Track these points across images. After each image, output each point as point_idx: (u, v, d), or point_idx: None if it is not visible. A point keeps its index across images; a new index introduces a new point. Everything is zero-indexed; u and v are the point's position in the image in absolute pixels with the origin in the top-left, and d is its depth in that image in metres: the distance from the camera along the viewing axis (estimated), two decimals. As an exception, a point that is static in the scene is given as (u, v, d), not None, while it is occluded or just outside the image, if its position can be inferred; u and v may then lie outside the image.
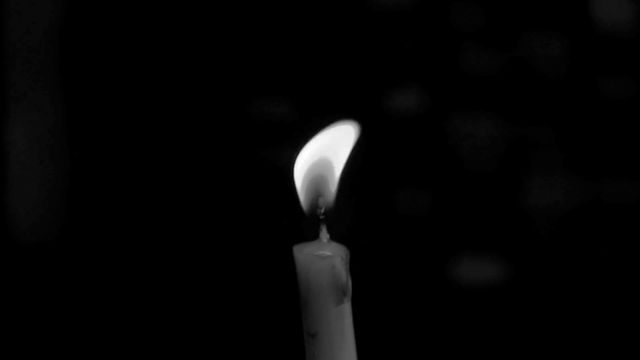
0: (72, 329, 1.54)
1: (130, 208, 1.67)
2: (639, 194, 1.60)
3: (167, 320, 1.56)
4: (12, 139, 1.66)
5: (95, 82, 1.67)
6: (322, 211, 0.49)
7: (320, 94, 1.64)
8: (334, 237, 0.48)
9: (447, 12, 1.62)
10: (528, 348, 1.53)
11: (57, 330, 1.53)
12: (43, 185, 1.67)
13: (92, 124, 1.68)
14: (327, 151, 0.51)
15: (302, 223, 0.49)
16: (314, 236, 0.48)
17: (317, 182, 0.50)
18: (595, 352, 1.51)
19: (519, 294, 1.60)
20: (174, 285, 1.62)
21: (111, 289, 1.61)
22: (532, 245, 1.62)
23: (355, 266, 0.49)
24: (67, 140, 1.68)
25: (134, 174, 1.67)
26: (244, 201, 1.66)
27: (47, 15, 1.66)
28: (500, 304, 1.59)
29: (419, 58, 1.63)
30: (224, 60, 1.65)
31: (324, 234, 0.48)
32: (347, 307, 0.47)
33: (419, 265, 1.63)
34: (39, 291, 1.60)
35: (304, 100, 1.64)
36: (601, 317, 1.55)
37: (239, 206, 1.66)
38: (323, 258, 0.47)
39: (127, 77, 1.66)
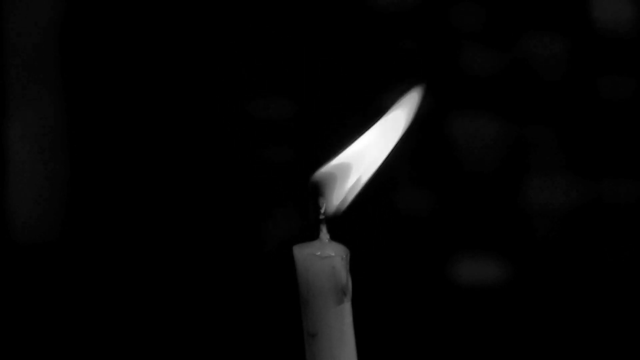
0: (72, 328, 1.54)
1: (131, 208, 1.67)
2: (639, 194, 1.60)
3: (167, 320, 1.56)
4: (12, 139, 1.66)
5: (95, 81, 1.67)
6: (323, 211, 0.49)
7: (320, 94, 1.63)
8: (334, 237, 0.48)
9: (447, 12, 1.62)
10: (528, 348, 1.53)
11: (57, 330, 1.53)
12: (43, 185, 1.67)
13: (92, 123, 1.68)
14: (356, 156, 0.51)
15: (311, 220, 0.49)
16: (314, 236, 0.48)
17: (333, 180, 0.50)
18: (595, 352, 1.51)
19: (519, 294, 1.60)
20: (174, 285, 1.62)
21: (111, 289, 1.61)
22: (532, 245, 1.62)
23: (355, 266, 0.49)
24: (67, 140, 1.68)
25: (134, 173, 1.67)
26: (244, 201, 1.66)
27: (47, 15, 1.66)
28: (500, 304, 1.59)
29: (419, 58, 1.63)
30: (224, 59, 1.65)
31: (324, 234, 0.48)
32: (347, 307, 0.47)
33: (419, 265, 1.63)
34: (39, 291, 1.60)
35: (304, 100, 1.64)
36: (601, 317, 1.55)
37: (239, 206, 1.66)
38: (323, 258, 0.47)
39: (127, 76, 1.66)
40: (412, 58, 1.63)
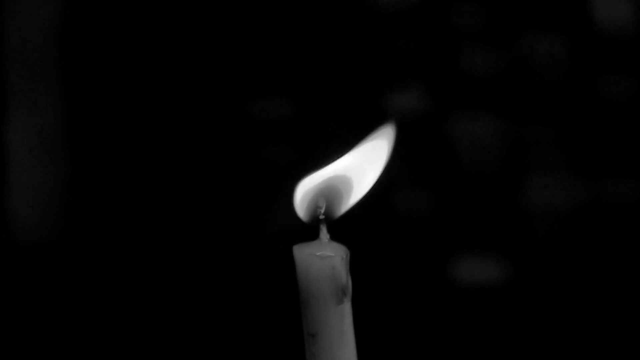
0: (72, 329, 1.54)
1: (131, 208, 1.67)
2: (639, 194, 1.60)
3: (167, 320, 1.56)
4: (12, 139, 1.66)
5: (95, 82, 1.67)
6: (322, 211, 0.49)
7: (320, 94, 1.64)
8: (334, 237, 0.48)
9: (447, 12, 1.62)
10: (528, 348, 1.53)
11: (57, 330, 1.53)
12: (43, 185, 1.67)
13: (93, 124, 1.68)
14: (352, 170, 0.51)
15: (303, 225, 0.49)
16: (314, 236, 0.48)
17: (326, 191, 0.50)
18: (595, 352, 1.51)
19: (519, 294, 1.60)
20: (174, 285, 1.62)
21: (111, 289, 1.61)
22: (532, 245, 1.62)
23: (355, 266, 0.49)
24: (67, 140, 1.68)
25: (134, 174, 1.67)
26: (244, 201, 1.66)
27: (47, 15, 1.66)
28: (500, 304, 1.59)
29: (419, 58, 1.63)
30: (225, 60, 1.65)
31: (324, 234, 0.48)
32: (347, 307, 0.47)
33: (419, 265, 1.63)
34: (39, 291, 1.60)
35: (304, 100, 1.64)
36: (601, 317, 1.55)
37: (239, 206, 1.66)
38: (323, 258, 0.47)
39: (127, 77, 1.66)
40: (412, 58, 1.63)
